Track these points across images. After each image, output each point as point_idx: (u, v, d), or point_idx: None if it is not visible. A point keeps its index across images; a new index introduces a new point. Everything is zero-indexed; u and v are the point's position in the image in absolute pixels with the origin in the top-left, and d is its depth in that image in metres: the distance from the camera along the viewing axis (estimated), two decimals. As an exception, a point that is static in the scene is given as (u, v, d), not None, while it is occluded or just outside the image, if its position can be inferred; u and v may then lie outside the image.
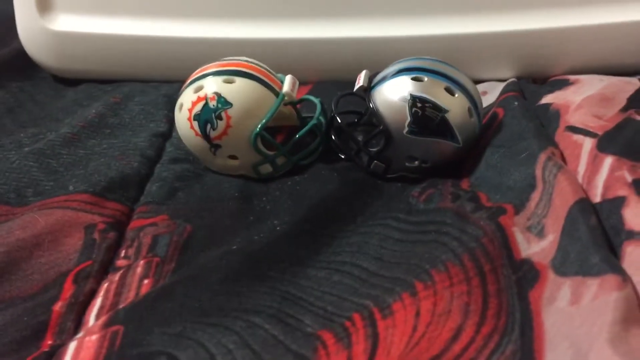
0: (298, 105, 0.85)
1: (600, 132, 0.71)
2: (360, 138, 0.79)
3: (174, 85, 0.92)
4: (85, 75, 1.02)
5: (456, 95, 0.72)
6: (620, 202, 0.60)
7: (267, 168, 0.78)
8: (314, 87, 0.98)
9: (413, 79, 0.72)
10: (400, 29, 0.94)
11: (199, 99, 0.73)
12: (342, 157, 0.80)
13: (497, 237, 0.60)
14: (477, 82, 0.95)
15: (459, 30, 0.93)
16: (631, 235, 0.56)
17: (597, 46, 0.92)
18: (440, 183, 0.73)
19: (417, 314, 0.53)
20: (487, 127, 0.80)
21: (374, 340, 0.51)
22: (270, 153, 0.77)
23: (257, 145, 0.75)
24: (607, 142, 0.69)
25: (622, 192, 0.61)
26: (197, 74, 0.76)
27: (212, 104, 0.73)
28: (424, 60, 0.75)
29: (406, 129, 0.72)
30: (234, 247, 0.63)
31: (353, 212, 0.70)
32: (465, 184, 0.73)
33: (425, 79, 0.72)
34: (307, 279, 0.60)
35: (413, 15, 0.94)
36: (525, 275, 0.56)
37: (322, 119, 0.81)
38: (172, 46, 0.97)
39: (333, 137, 0.80)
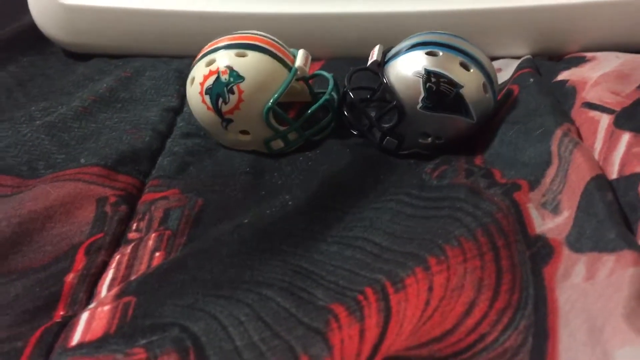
0: (310, 81, 0.84)
1: (617, 109, 0.70)
2: (373, 114, 0.78)
3: (185, 60, 0.91)
4: (96, 49, 1.02)
5: (471, 71, 0.71)
6: (637, 178, 0.59)
7: (278, 143, 0.77)
8: (326, 63, 0.97)
9: (427, 53, 0.71)
10: (413, 4, 0.92)
11: (211, 73, 0.73)
12: (355, 133, 0.79)
13: (511, 212, 0.60)
14: (492, 59, 0.92)
15: (473, 5, 0.91)
16: (648, 212, 0.56)
17: (613, 23, 0.90)
18: (454, 159, 0.72)
19: (430, 288, 0.53)
20: (502, 104, 0.79)
21: (387, 314, 0.51)
22: (282, 128, 0.76)
23: (269, 120, 0.74)
24: (625, 119, 0.68)
25: (639, 168, 0.60)
26: (209, 47, 0.76)
27: (224, 77, 0.72)
28: (439, 34, 0.74)
29: (420, 105, 0.71)
30: (246, 220, 0.63)
31: (365, 188, 0.69)
32: (479, 160, 0.72)
33: (440, 53, 0.71)
34: (319, 253, 0.60)
35: (427, -10, 0.92)
36: (540, 251, 0.56)
37: (334, 94, 0.80)
38: (183, 20, 0.96)
39: (345, 113, 0.79)
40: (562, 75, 0.83)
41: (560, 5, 0.90)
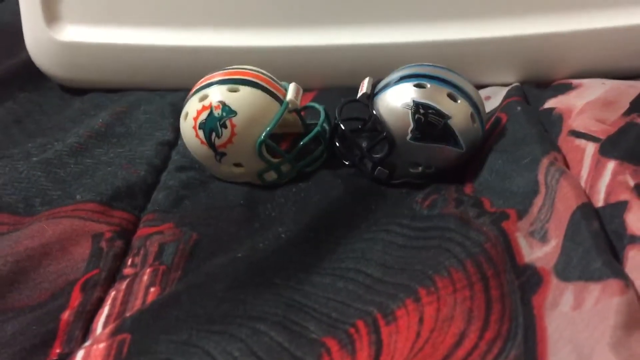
0: (302, 113, 0.86)
1: (603, 137, 0.71)
2: (364, 144, 0.79)
3: (180, 93, 0.93)
4: (92, 84, 1.03)
5: (459, 102, 0.72)
6: (622, 206, 0.60)
7: (272, 175, 0.79)
8: (318, 94, 0.99)
9: (416, 85, 0.72)
10: (402, 36, 0.94)
11: (204, 108, 0.74)
12: (346, 163, 0.81)
13: (500, 242, 0.61)
14: (481, 87, 0.96)
15: (462, 36, 0.93)
16: (634, 239, 0.57)
17: (600, 50, 0.92)
18: (444, 188, 0.73)
19: (421, 320, 0.53)
20: (491, 132, 0.80)
21: (378, 347, 0.52)
22: (275, 160, 0.77)
23: (261, 152, 0.76)
24: (610, 147, 0.69)
25: (624, 196, 0.61)
26: (201, 83, 0.77)
27: (217, 112, 0.73)
28: (427, 66, 0.76)
29: (409, 135, 0.72)
30: (239, 254, 0.64)
31: (357, 219, 0.70)
32: (468, 189, 0.73)
33: (428, 85, 0.72)
34: (312, 285, 0.60)
35: (415, 21, 0.94)
36: (529, 280, 0.57)
37: (326, 125, 0.82)
38: (177, 55, 0.98)
39: (337, 144, 0.80)
40: (549, 103, 0.85)
41: (546, 35, 0.92)
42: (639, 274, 0.54)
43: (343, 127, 0.78)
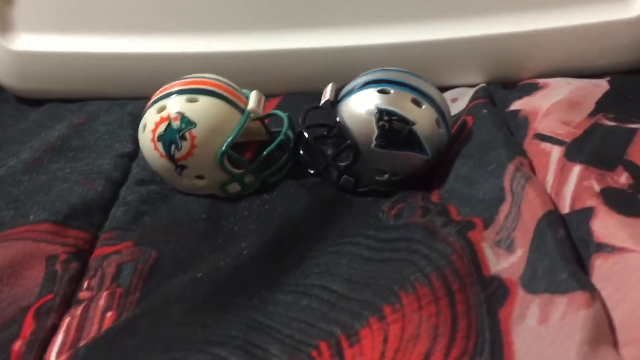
0: (266, 120, 0.83)
1: (568, 140, 0.71)
2: (329, 152, 0.78)
3: (140, 102, 0.89)
4: (49, 94, 1.00)
5: (423, 107, 0.71)
6: (588, 213, 0.59)
7: (235, 187, 0.76)
8: (283, 99, 0.97)
9: (379, 91, 0.71)
10: (367, 38, 0.93)
11: (162, 120, 0.72)
12: (312, 172, 0.79)
13: (466, 253, 0.59)
14: (447, 88, 0.95)
15: (427, 37, 0.92)
16: (600, 247, 0.56)
17: (565, 49, 0.92)
18: (411, 196, 0.72)
19: (385, 339, 0.52)
20: (457, 136, 0.79)
21: (341, 371, 0.50)
22: (238, 172, 0.75)
23: (223, 164, 0.74)
24: (575, 150, 0.68)
25: (590, 202, 0.60)
26: (159, 93, 0.75)
27: (176, 124, 0.71)
28: (391, 71, 0.74)
29: (374, 143, 0.71)
30: (200, 274, 0.62)
31: (322, 231, 0.69)
32: (435, 196, 0.72)
33: (392, 91, 0.71)
34: (275, 304, 0.59)
35: (380, 24, 0.93)
36: (495, 293, 0.55)
37: (290, 133, 0.80)
38: (135, 62, 0.95)
39: (301, 152, 0.78)
40: (515, 105, 0.84)
41: (512, 34, 0.91)
42: (606, 283, 0.53)
43: (307, 135, 0.76)
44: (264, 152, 0.76)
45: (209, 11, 0.94)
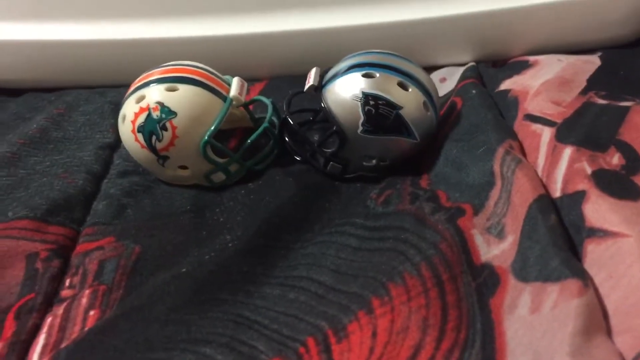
0: (250, 106, 0.81)
1: (559, 120, 0.69)
2: (315, 138, 0.76)
3: (121, 89, 0.87)
4: (26, 84, 0.97)
5: (410, 90, 0.69)
6: (580, 197, 0.58)
7: (220, 176, 0.74)
8: (268, 83, 0.94)
9: (364, 75, 0.69)
10: (351, 19, 0.90)
11: (142, 110, 0.69)
12: (298, 159, 0.77)
13: (456, 242, 0.58)
14: (435, 68, 0.93)
15: (413, 16, 0.89)
16: (592, 232, 0.54)
17: (555, 24, 0.89)
18: (400, 182, 0.70)
19: (374, 334, 0.51)
20: (446, 118, 0.77)
21: (329, 367, 0.49)
22: (222, 161, 0.73)
23: (207, 154, 0.72)
24: (566, 131, 0.67)
25: (582, 185, 0.59)
26: (138, 82, 0.72)
27: (156, 114, 0.69)
28: (376, 54, 0.72)
29: (360, 128, 0.69)
30: (184, 269, 0.60)
31: (310, 220, 0.67)
32: (424, 181, 0.70)
33: (377, 74, 0.69)
34: (262, 298, 0.57)
35: (364, 3, 0.90)
36: (486, 282, 0.54)
37: (275, 119, 0.78)
38: (113, 49, 0.92)
39: (287, 139, 0.77)
40: (505, 84, 0.82)
41: (499, 10, 0.88)
42: (599, 269, 0.52)
43: (292, 122, 0.74)
44: (248, 140, 0.74)
45: (188, -6, 0.91)
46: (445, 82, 0.89)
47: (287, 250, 0.63)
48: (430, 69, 0.89)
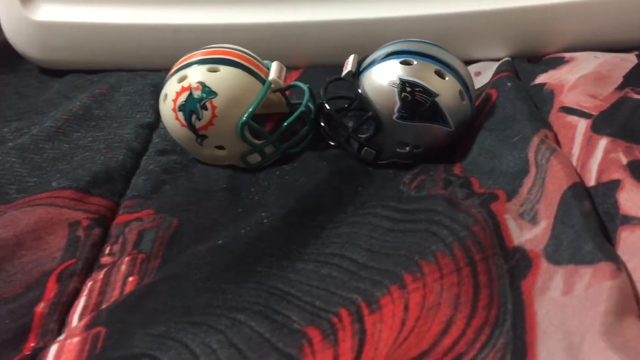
0: (287, 92, 0.83)
1: (595, 113, 0.69)
2: (350, 124, 0.77)
3: (161, 73, 0.89)
4: (71, 65, 1.00)
5: (447, 79, 0.70)
6: (615, 185, 0.58)
7: (255, 157, 0.76)
8: (304, 72, 0.96)
9: (402, 62, 0.70)
10: (390, 10, 0.91)
11: (183, 89, 0.71)
12: (332, 144, 0.78)
13: (488, 225, 0.59)
14: (471, 62, 0.94)
15: (451, 9, 0.90)
16: (626, 220, 0.55)
17: (592, 22, 0.90)
18: (433, 169, 0.71)
19: (406, 307, 0.52)
20: (481, 110, 0.78)
21: (361, 337, 0.50)
22: (258, 142, 0.75)
23: (244, 134, 0.73)
24: (602, 123, 0.67)
25: (616, 175, 0.59)
26: (180, 63, 0.74)
27: (197, 93, 0.71)
28: (414, 42, 0.73)
29: (396, 114, 0.70)
30: (220, 242, 0.62)
31: (343, 202, 0.68)
32: (457, 169, 0.71)
33: (415, 62, 0.70)
34: (295, 272, 0.58)
35: (403, -5, 0.91)
36: (518, 264, 0.55)
37: (311, 105, 0.79)
38: (157, 34, 0.94)
39: (322, 124, 0.78)
40: (540, 78, 0.82)
41: (537, 7, 0.89)
42: (632, 255, 0.52)
43: (328, 107, 0.75)
44: (285, 123, 0.76)
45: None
46: (480, 75, 0.90)
47: (320, 229, 0.64)
48: (465, 62, 0.89)
